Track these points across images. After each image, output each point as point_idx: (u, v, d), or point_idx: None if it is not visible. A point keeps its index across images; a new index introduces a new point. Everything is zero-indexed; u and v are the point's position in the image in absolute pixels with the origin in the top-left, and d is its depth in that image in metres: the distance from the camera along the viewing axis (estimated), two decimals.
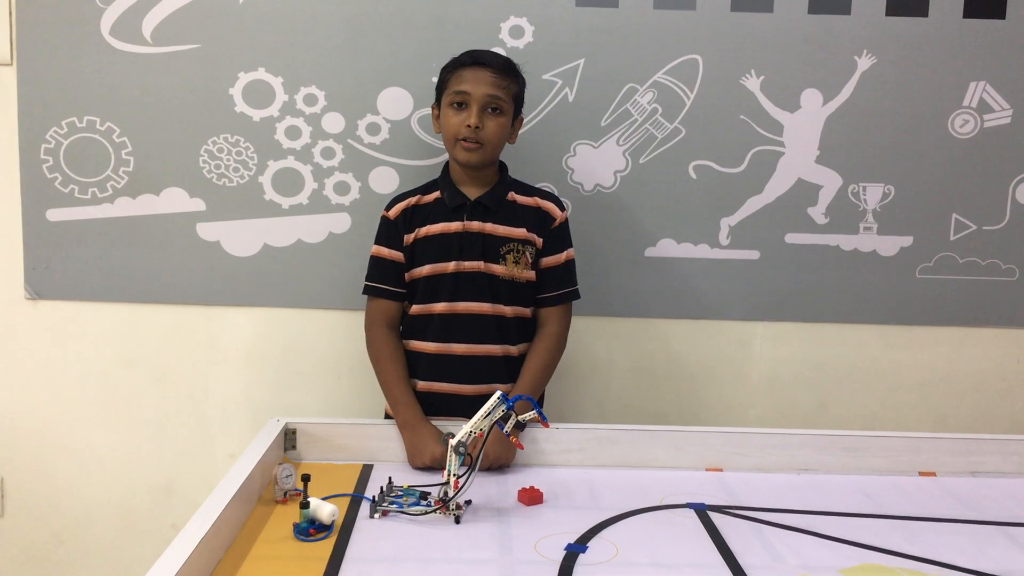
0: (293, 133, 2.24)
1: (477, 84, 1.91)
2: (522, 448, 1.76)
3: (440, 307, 1.98)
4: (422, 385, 2.00)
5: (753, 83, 2.24)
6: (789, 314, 2.33)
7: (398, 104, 2.23)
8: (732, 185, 2.27)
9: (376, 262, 2.03)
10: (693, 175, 2.27)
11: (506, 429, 1.60)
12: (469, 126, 1.90)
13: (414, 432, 1.86)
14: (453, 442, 1.56)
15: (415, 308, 2.00)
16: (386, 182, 2.25)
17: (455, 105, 1.93)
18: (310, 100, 2.22)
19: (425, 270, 1.98)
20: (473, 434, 1.57)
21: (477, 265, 1.97)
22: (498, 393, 1.58)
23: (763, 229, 2.29)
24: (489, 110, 1.92)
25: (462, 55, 1.97)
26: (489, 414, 1.57)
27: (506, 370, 2.00)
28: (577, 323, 2.11)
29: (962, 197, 2.29)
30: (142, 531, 2.38)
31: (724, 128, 2.25)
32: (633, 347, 2.35)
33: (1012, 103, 2.25)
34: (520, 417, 1.62)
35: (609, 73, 2.22)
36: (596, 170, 2.27)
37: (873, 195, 2.29)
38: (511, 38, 2.21)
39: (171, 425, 2.36)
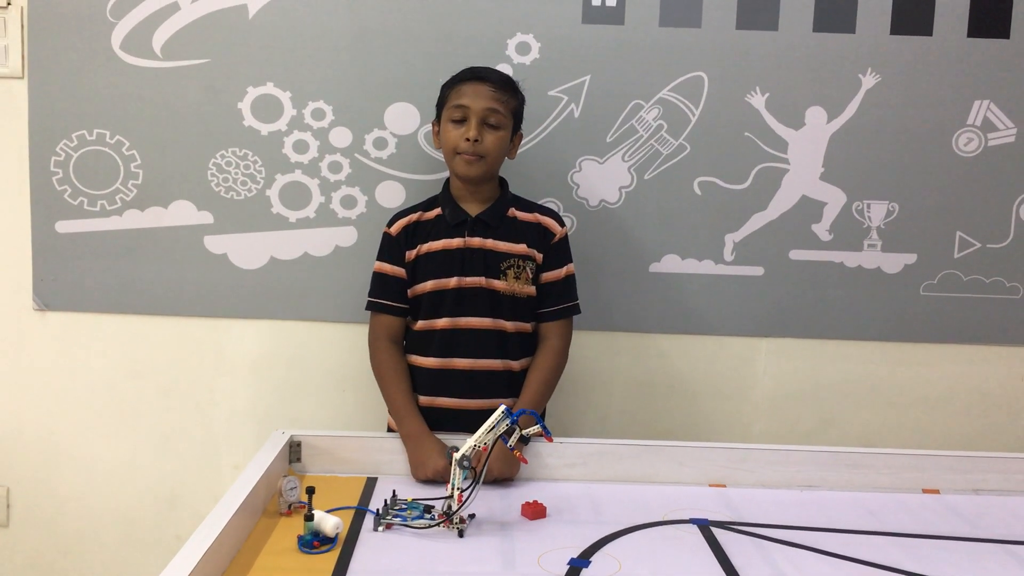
0: (301, 147, 2.25)
1: (476, 98, 1.92)
2: (526, 462, 1.77)
3: (442, 323, 1.99)
4: (424, 400, 2.00)
5: (758, 100, 2.25)
6: (793, 330, 2.34)
7: (405, 119, 2.24)
8: (737, 201, 2.28)
9: (378, 278, 2.04)
10: (698, 191, 2.28)
11: (510, 443, 1.61)
12: (468, 139, 1.92)
13: (418, 444, 1.87)
14: (457, 456, 1.57)
15: (419, 324, 2.01)
16: (393, 196, 2.27)
17: (454, 120, 1.95)
18: (318, 115, 2.24)
19: (428, 286, 2.00)
20: (477, 448, 1.58)
21: (478, 281, 1.98)
22: (502, 407, 1.59)
23: (767, 245, 2.30)
24: (488, 124, 1.93)
25: (461, 71, 1.99)
26: (493, 428, 1.58)
27: (507, 385, 2.01)
28: (581, 338, 2.12)
29: (966, 215, 2.29)
30: (146, 541, 2.39)
31: (729, 145, 2.26)
32: (636, 362, 2.35)
33: (1016, 122, 2.26)
34: (524, 431, 1.62)
35: (615, 89, 2.24)
36: (601, 186, 2.28)
37: (877, 212, 2.29)
38: (518, 54, 2.22)
39: (176, 436, 2.37)
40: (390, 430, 2.08)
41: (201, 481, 2.37)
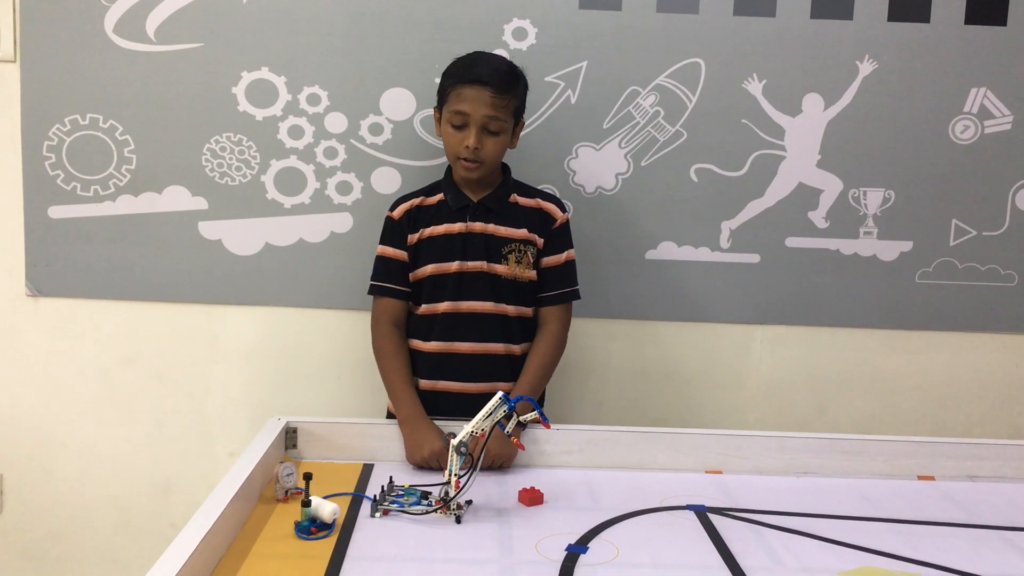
0: (296, 132, 2.24)
1: (476, 105, 1.89)
2: (523, 448, 1.76)
3: (444, 306, 1.99)
4: (425, 384, 2.01)
5: (755, 87, 2.24)
6: (789, 318, 2.34)
7: (401, 104, 2.23)
8: (733, 188, 2.28)
9: (381, 262, 2.04)
10: (694, 178, 2.27)
11: (507, 429, 1.60)
12: (468, 147, 1.90)
13: (414, 428, 1.87)
14: (454, 442, 1.56)
15: (422, 308, 2.02)
16: (388, 182, 2.26)
17: (454, 124, 1.92)
18: (313, 100, 2.23)
19: (429, 270, 2.00)
20: (475, 434, 1.58)
21: (480, 265, 1.98)
22: (500, 393, 1.58)
23: (764, 233, 2.30)
24: (488, 131, 1.91)
25: (463, 67, 1.94)
26: (491, 414, 1.58)
27: (509, 369, 2.01)
28: (577, 325, 2.12)
29: (962, 202, 2.29)
30: (140, 529, 2.38)
31: (726, 132, 2.25)
32: (633, 349, 2.35)
33: (1013, 109, 2.26)
34: (522, 417, 1.62)
35: (612, 76, 2.23)
36: (598, 172, 2.27)
37: (873, 200, 2.29)
38: (514, 40, 2.21)
39: (171, 423, 2.36)
40: (390, 415, 2.08)
41: (195, 468, 2.37)
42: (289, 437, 1.85)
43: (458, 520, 1.56)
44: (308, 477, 1.52)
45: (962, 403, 2.38)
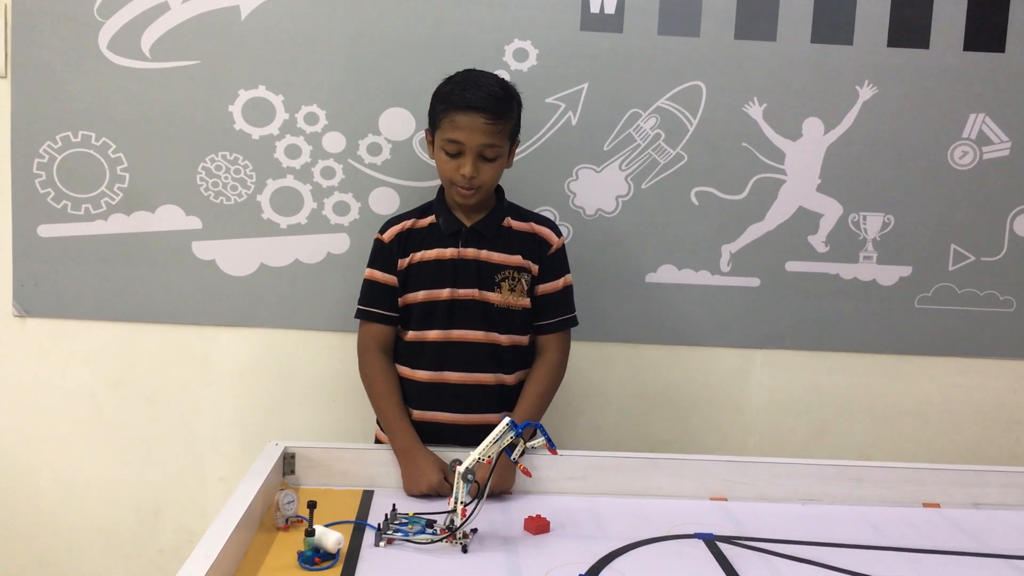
0: (293, 152, 2.21)
1: (471, 133, 1.83)
2: (530, 475, 1.73)
3: (434, 334, 1.95)
4: (416, 414, 1.96)
5: (756, 111, 2.24)
6: (788, 342, 2.32)
7: (400, 125, 2.21)
8: (733, 212, 2.27)
9: (369, 285, 1.99)
10: (695, 201, 2.26)
11: (514, 456, 1.57)
12: (465, 175, 1.86)
13: (412, 459, 1.82)
14: (461, 469, 1.53)
15: (410, 335, 1.97)
16: (386, 203, 2.23)
17: (448, 152, 1.86)
18: (311, 119, 2.20)
19: (420, 296, 1.95)
20: (481, 461, 1.54)
21: (472, 293, 1.94)
22: (507, 420, 1.55)
23: (764, 256, 2.29)
24: (484, 157, 1.86)
25: (455, 91, 1.86)
26: (498, 441, 1.54)
27: (499, 399, 1.97)
28: (576, 348, 2.09)
29: (961, 228, 2.30)
30: (128, 555, 2.32)
31: (726, 155, 2.25)
32: (632, 373, 2.33)
33: (1011, 135, 2.27)
34: (529, 444, 1.59)
35: (612, 98, 2.22)
36: (598, 195, 2.25)
37: (873, 224, 2.29)
38: (515, 61, 2.20)
39: (160, 447, 2.30)
40: (377, 442, 2.04)
41: (185, 493, 2.31)
42: (287, 463, 1.81)
43: (464, 549, 1.52)
44: (312, 505, 1.48)
45: (961, 429, 2.38)
